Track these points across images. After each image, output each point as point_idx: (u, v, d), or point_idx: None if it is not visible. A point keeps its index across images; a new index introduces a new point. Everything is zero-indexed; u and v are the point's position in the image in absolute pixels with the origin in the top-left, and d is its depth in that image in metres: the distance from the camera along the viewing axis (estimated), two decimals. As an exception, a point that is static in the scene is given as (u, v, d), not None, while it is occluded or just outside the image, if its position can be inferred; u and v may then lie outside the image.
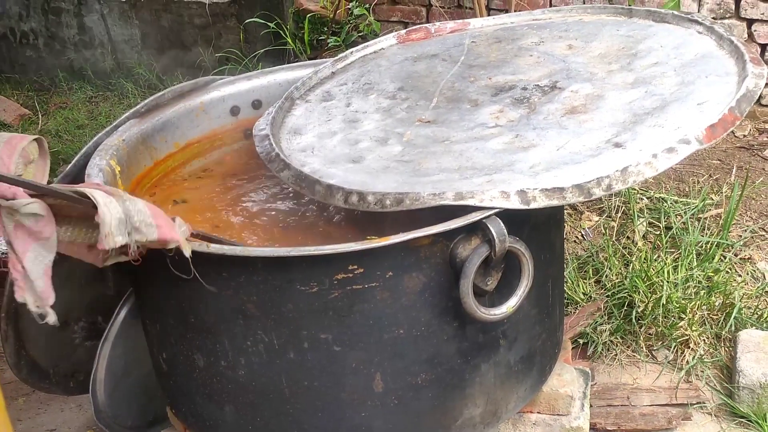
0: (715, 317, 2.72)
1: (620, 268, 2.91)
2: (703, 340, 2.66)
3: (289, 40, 4.59)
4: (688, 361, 2.62)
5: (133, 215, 1.50)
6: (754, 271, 2.92)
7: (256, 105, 2.45)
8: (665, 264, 2.82)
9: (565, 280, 2.71)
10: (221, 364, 1.84)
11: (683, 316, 2.67)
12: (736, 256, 2.96)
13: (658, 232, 3.06)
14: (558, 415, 2.22)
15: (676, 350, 2.66)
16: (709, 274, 2.82)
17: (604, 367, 2.66)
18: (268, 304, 1.72)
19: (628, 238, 3.08)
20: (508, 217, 1.66)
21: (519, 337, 1.95)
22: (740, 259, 2.96)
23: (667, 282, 2.74)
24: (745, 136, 3.78)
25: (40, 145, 1.65)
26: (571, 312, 2.78)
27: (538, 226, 1.93)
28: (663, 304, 2.68)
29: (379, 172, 1.89)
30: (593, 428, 2.40)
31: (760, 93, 1.87)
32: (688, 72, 2.02)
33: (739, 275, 2.89)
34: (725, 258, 2.92)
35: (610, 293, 2.83)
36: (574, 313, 2.77)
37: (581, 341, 2.73)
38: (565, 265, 2.79)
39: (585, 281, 2.92)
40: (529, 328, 1.98)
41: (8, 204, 1.41)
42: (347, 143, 2.07)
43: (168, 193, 2.23)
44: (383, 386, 1.80)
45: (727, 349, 2.65)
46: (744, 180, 3.21)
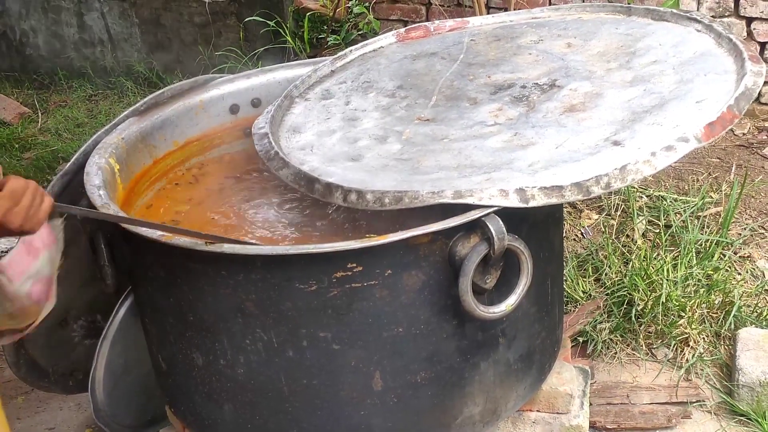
0: (714, 315, 2.71)
1: (620, 267, 2.91)
2: (703, 339, 2.66)
3: (289, 39, 4.58)
4: (687, 360, 2.61)
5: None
6: (754, 269, 2.91)
7: (256, 103, 2.45)
8: (665, 262, 2.81)
9: (564, 278, 2.71)
10: (220, 363, 1.84)
11: (683, 315, 2.67)
12: (736, 254, 2.95)
13: (658, 231, 3.06)
14: (557, 413, 2.22)
15: (676, 348, 2.66)
16: (709, 273, 2.81)
17: (604, 366, 2.65)
18: (267, 302, 1.72)
19: (628, 237, 3.08)
20: (507, 215, 1.66)
21: (518, 335, 1.95)
22: (740, 257, 2.95)
23: (667, 280, 2.74)
24: (744, 134, 3.77)
25: None
26: (571, 310, 2.78)
27: (537, 224, 1.93)
28: (662, 303, 2.68)
29: (378, 170, 1.89)
30: (593, 426, 2.40)
31: (759, 91, 1.87)
32: (687, 70, 2.02)
33: (739, 273, 2.88)
34: (725, 256, 2.92)
35: (609, 291, 2.83)
36: (574, 311, 2.77)
37: (581, 339, 2.72)
38: (564, 264, 2.79)
39: (584, 279, 2.91)
40: (528, 327, 1.98)
41: None
42: (346, 141, 2.07)
43: (167, 193, 2.23)
44: (382, 384, 1.80)
45: (726, 348, 2.65)
46: (743, 178, 3.20)
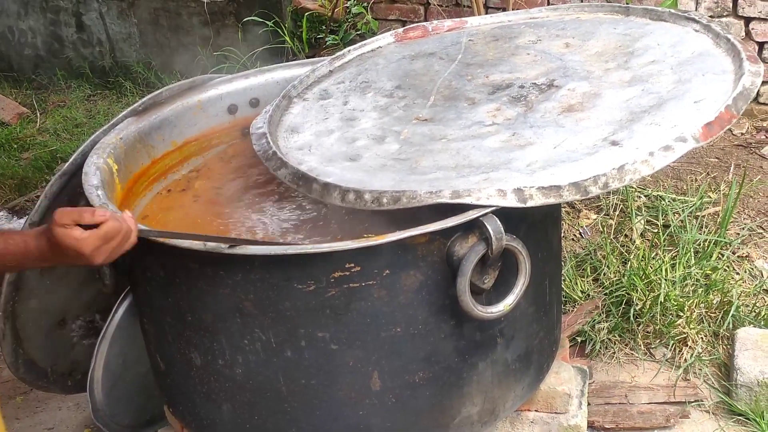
0: (712, 315, 2.71)
1: (618, 266, 2.91)
2: (701, 338, 2.66)
3: (287, 39, 4.58)
4: (686, 359, 2.61)
5: None
6: (752, 268, 2.91)
7: (254, 103, 2.45)
8: (663, 262, 2.82)
9: (562, 278, 2.71)
10: (218, 363, 1.84)
11: (681, 314, 2.67)
12: (734, 254, 2.95)
13: (656, 230, 3.06)
14: (556, 413, 2.22)
15: (674, 348, 2.66)
16: (707, 272, 2.81)
17: (602, 365, 2.65)
18: (266, 302, 1.72)
19: (626, 236, 3.08)
20: (505, 215, 1.66)
21: (516, 335, 1.95)
22: (738, 257, 2.95)
23: (665, 280, 2.74)
24: (742, 134, 3.77)
25: None
26: (569, 310, 2.78)
27: (535, 224, 1.93)
28: (661, 302, 2.68)
29: (376, 170, 1.89)
30: (591, 426, 2.40)
31: (757, 91, 1.87)
32: (685, 70, 2.02)
33: (737, 273, 2.88)
34: (723, 256, 2.92)
35: (608, 291, 2.83)
36: (572, 311, 2.77)
37: (579, 339, 2.72)
38: (562, 263, 2.79)
39: (583, 279, 2.91)
40: (526, 326, 1.98)
41: None
42: (344, 141, 2.07)
43: (167, 193, 2.23)
44: (380, 384, 1.80)
45: (724, 347, 2.65)
46: (742, 178, 3.20)
